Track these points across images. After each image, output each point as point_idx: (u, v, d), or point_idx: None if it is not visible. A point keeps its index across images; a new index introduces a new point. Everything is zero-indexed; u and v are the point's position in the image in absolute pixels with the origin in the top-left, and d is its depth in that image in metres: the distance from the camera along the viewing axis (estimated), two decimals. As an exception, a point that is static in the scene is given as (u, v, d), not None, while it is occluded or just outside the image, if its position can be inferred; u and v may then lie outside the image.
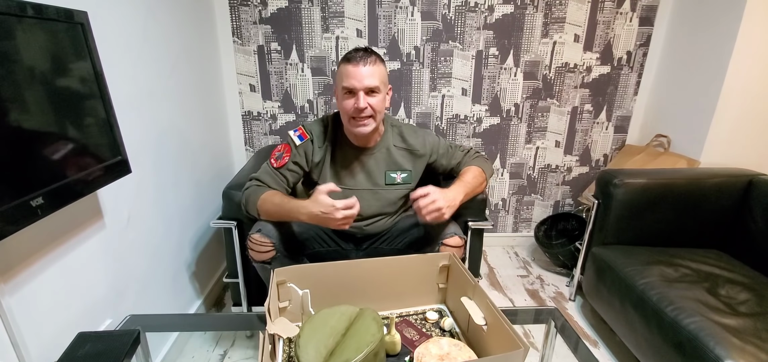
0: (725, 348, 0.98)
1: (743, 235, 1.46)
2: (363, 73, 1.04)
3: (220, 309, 1.70)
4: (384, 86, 1.10)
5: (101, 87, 0.88)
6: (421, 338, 0.94)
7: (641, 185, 1.46)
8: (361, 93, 1.04)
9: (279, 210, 1.08)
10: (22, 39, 0.69)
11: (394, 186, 1.21)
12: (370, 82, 1.04)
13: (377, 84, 1.06)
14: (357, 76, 1.04)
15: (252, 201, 1.11)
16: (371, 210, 1.21)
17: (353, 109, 1.06)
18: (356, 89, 1.04)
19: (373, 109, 1.07)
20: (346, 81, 1.05)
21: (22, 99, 0.69)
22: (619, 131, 2.09)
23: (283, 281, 0.92)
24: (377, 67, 1.07)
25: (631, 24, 1.89)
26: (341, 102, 1.10)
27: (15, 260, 0.77)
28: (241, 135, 1.97)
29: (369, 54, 1.06)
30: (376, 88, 1.06)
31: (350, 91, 1.06)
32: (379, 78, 1.06)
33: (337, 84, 1.11)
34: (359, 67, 1.04)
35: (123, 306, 1.10)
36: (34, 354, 0.80)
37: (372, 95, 1.06)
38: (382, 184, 1.20)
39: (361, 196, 1.19)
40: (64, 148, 0.79)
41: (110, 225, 1.05)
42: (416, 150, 1.22)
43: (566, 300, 1.79)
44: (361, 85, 1.04)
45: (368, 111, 1.06)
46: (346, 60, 1.06)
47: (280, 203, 1.07)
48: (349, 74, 1.05)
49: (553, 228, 2.13)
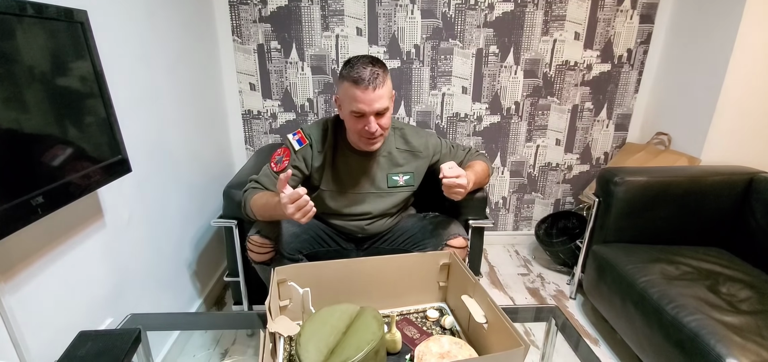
0: (726, 346, 0.98)
1: (744, 233, 1.46)
2: (373, 98, 1.00)
3: (221, 308, 1.70)
4: (391, 100, 1.08)
5: (101, 86, 0.87)
6: (421, 336, 0.94)
7: (642, 183, 1.46)
8: (371, 117, 1.02)
9: (264, 209, 1.06)
10: (22, 38, 0.69)
11: (396, 188, 1.20)
12: (380, 105, 1.02)
13: (386, 104, 1.04)
14: (366, 101, 1.00)
15: (248, 203, 1.10)
16: (374, 213, 1.21)
17: (364, 131, 1.05)
18: (366, 114, 1.02)
19: (383, 128, 1.06)
20: (355, 106, 1.02)
21: (23, 98, 0.69)
22: (620, 129, 2.09)
23: (284, 280, 0.92)
24: (385, 87, 1.02)
25: (631, 21, 1.88)
26: (349, 121, 1.07)
27: (16, 259, 0.77)
28: (242, 134, 1.97)
29: (376, 75, 1.00)
30: (385, 109, 1.04)
31: (360, 114, 1.03)
32: (387, 96, 1.04)
33: (343, 100, 1.06)
34: (368, 92, 0.99)
35: (123, 305, 1.10)
36: (35, 353, 0.81)
37: (381, 116, 1.05)
38: (384, 188, 1.20)
39: (364, 199, 1.19)
40: (64, 148, 0.79)
41: (110, 225, 1.05)
42: (419, 151, 1.22)
43: (567, 299, 1.79)
44: (371, 110, 1.01)
45: (379, 131, 1.06)
46: (352, 82, 1.00)
47: (265, 203, 1.05)
48: (357, 98, 1.00)
49: (554, 226, 2.13)
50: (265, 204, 1.05)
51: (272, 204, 1.01)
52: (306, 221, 0.93)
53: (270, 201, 1.03)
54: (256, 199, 1.08)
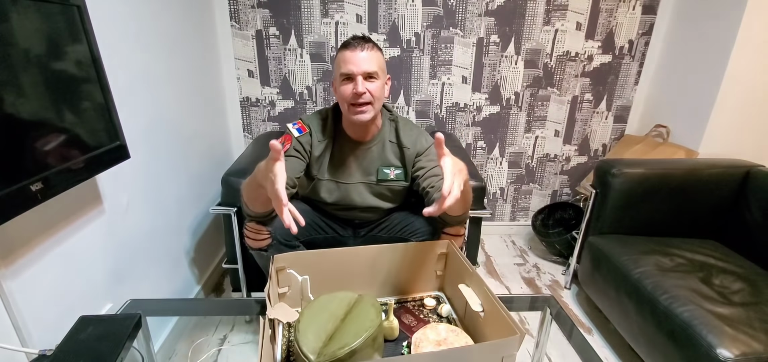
0: (717, 337, 1.00)
1: (739, 226, 1.48)
2: (361, 58, 1.03)
3: (219, 294, 1.71)
4: (382, 73, 1.09)
5: (98, 71, 0.87)
6: (418, 324, 0.95)
7: (639, 175, 1.47)
8: (359, 77, 1.04)
9: (249, 185, 0.98)
10: (18, 21, 0.68)
11: (386, 182, 1.20)
12: (368, 67, 1.04)
13: (375, 69, 1.05)
14: (355, 61, 1.03)
15: (241, 196, 1.05)
16: (366, 203, 1.21)
17: (352, 94, 1.05)
18: (354, 74, 1.04)
19: (372, 95, 1.06)
20: (344, 66, 1.05)
21: (19, 83, 0.68)
22: (619, 121, 2.09)
23: (283, 267, 0.93)
24: (375, 53, 1.06)
25: (633, 12, 1.87)
26: (339, 89, 1.09)
27: (16, 244, 0.77)
28: (240, 121, 1.96)
29: (366, 41, 1.06)
30: (374, 73, 1.05)
31: (348, 77, 1.05)
32: (377, 64, 1.06)
33: (336, 73, 1.10)
34: (357, 52, 1.04)
35: (123, 290, 1.11)
36: (37, 337, 0.81)
37: (370, 80, 1.06)
38: (374, 181, 1.20)
39: (355, 190, 1.19)
40: (62, 133, 0.78)
41: (109, 211, 1.05)
42: (406, 147, 1.19)
43: (562, 289, 1.81)
44: (359, 70, 1.03)
45: (367, 96, 1.06)
46: (343, 47, 1.06)
47: (250, 179, 0.96)
48: (346, 59, 1.04)
49: (551, 217, 2.15)
50: (252, 177, 0.94)
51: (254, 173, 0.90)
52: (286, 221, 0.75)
53: (253, 172, 0.92)
54: (246, 189, 1.02)
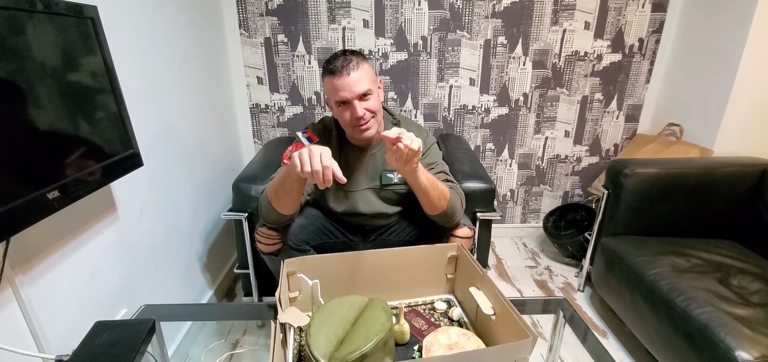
0: (736, 339, 0.97)
1: (756, 225, 1.44)
2: (351, 82, 1.02)
3: (231, 299, 1.73)
4: (374, 84, 1.08)
5: (112, 81, 0.89)
6: (429, 327, 0.94)
7: (652, 175, 1.44)
8: (355, 101, 1.03)
9: (279, 184, 1.01)
10: (33, 34, 0.70)
11: (391, 186, 1.20)
12: (361, 88, 1.03)
13: (368, 87, 1.04)
14: (346, 87, 1.02)
15: (266, 194, 1.07)
16: (373, 209, 1.21)
17: (352, 119, 1.06)
18: (349, 100, 1.03)
19: (371, 111, 1.07)
20: (337, 95, 1.04)
21: (36, 94, 0.70)
22: (630, 120, 2.06)
23: (293, 271, 0.94)
24: (362, 69, 1.04)
25: (643, 10, 1.85)
26: (338, 114, 1.09)
27: (33, 252, 0.79)
28: (250, 128, 1.98)
29: (348, 60, 1.03)
30: (368, 92, 1.05)
31: (344, 103, 1.05)
32: (367, 79, 1.05)
33: (328, 98, 1.10)
34: (344, 77, 1.01)
35: (137, 296, 1.13)
36: (53, 342, 0.83)
37: (366, 99, 1.05)
38: (378, 185, 1.20)
39: (362, 196, 1.20)
40: (77, 142, 0.80)
41: (124, 218, 1.07)
42: None
43: (575, 291, 1.79)
44: (353, 94, 1.02)
45: (367, 115, 1.06)
46: (329, 73, 1.04)
47: (280, 177, 1.01)
48: (337, 87, 1.03)
49: (562, 218, 2.12)
50: (280, 178, 1.01)
51: (287, 173, 0.96)
52: (322, 182, 0.85)
53: (286, 173, 0.97)
54: (271, 185, 1.06)
